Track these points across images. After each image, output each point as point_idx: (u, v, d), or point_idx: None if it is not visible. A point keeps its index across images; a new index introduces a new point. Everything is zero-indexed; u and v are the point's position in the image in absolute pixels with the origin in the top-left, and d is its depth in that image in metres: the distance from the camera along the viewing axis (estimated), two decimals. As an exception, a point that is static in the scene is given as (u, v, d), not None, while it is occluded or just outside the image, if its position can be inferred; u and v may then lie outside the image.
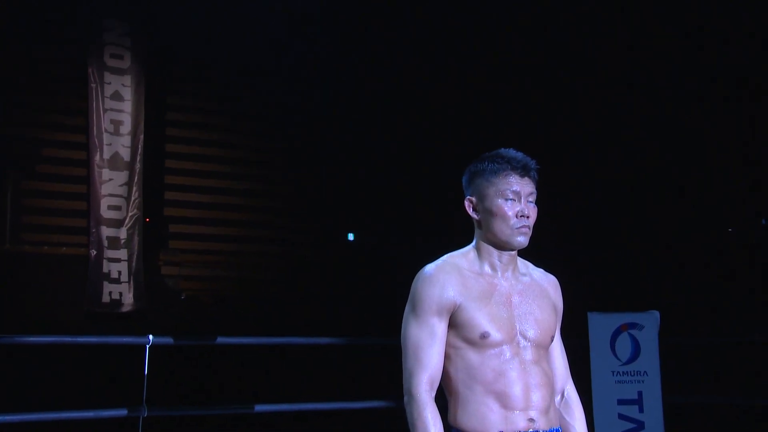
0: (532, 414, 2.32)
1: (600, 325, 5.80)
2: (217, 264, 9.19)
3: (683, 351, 6.87)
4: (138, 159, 8.40)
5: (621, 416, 5.72)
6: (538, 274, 2.55)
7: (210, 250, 9.23)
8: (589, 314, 5.82)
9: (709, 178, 8.70)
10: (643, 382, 5.74)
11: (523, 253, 2.55)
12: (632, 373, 5.76)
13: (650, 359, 5.75)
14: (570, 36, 8.96)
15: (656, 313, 5.80)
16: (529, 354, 2.36)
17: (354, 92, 9.58)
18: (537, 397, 2.33)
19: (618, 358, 5.78)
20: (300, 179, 9.63)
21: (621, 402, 5.73)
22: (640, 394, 5.74)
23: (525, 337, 2.37)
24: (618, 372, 5.77)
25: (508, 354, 2.34)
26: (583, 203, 8.96)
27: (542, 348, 2.41)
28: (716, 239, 8.83)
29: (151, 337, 4.56)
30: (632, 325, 5.80)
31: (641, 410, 5.72)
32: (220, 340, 4.88)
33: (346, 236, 10.03)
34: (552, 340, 2.47)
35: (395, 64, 9.45)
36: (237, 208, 9.39)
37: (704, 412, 6.55)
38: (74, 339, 4.91)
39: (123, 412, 4.55)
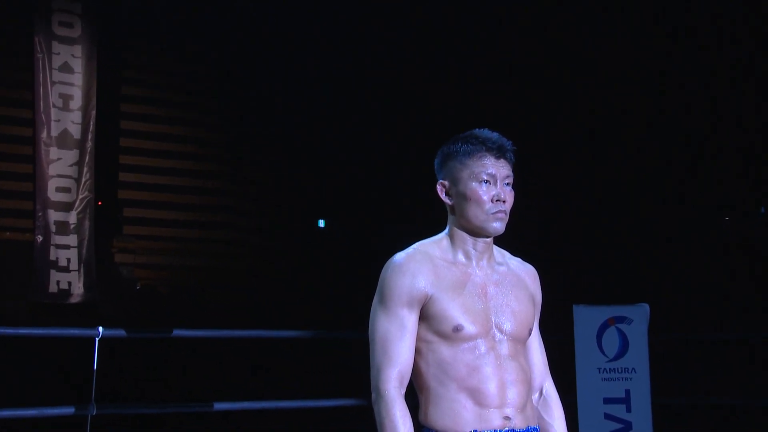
0: (508, 412, 2.34)
1: (586, 318, 5.84)
2: (176, 251, 9.17)
3: (674, 347, 6.95)
4: (89, 137, 8.33)
5: (607, 416, 5.77)
6: (516, 263, 2.57)
7: (168, 237, 9.20)
8: (574, 307, 5.86)
9: (704, 166, 8.80)
10: (631, 379, 5.79)
11: (503, 242, 2.57)
12: (620, 370, 5.81)
13: (639, 355, 5.80)
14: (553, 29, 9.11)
15: (646, 306, 5.85)
16: (505, 348, 2.38)
17: (323, 72, 9.58)
18: (513, 394, 2.35)
19: (605, 354, 5.83)
20: (267, 161, 9.61)
21: (607, 401, 5.78)
22: (627, 392, 5.78)
23: (501, 331, 2.39)
24: (604, 369, 5.81)
25: (482, 348, 2.35)
26: (569, 190, 9.04)
27: (519, 342, 2.43)
28: (711, 229, 8.93)
29: (101, 329, 4.53)
30: (620, 319, 5.84)
31: (629, 410, 5.77)
32: (177, 332, 4.86)
33: (317, 223, 10.03)
34: (530, 334, 2.49)
35: (371, 46, 9.48)
36: (198, 191, 9.36)
37: (695, 412, 6.63)
38: (16, 331, 4.86)
39: (69, 410, 4.52)
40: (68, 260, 8.09)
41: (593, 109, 9.07)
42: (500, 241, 2.53)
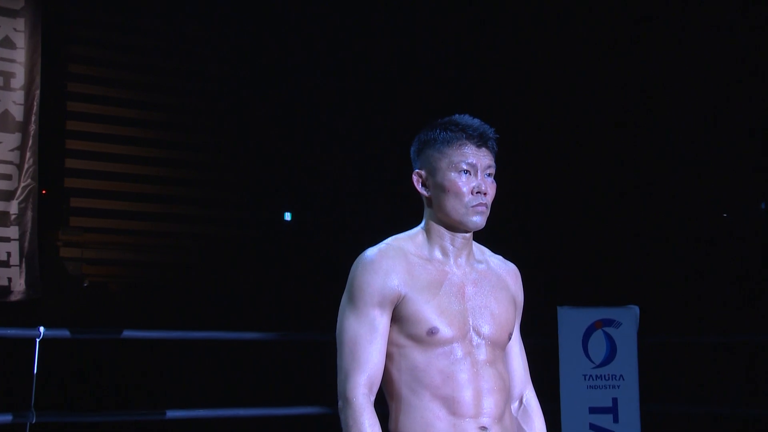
0: (485, 422, 2.34)
1: (571, 321, 5.87)
2: (128, 246, 9.10)
3: (666, 352, 7.00)
4: (33, 119, 8.23)
5: (593, 426, 5.81)
6: (496, 261, 2.57)
7: (119, 229, 9.13)
8: (558, 309, 5.89)
9: (700, 156, 8.87)
10: (618, 387, 5.83)
11: (482, 240, 2.57)
12: (607, 377, 5.85)
13: (627, 361, 5.84)
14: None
15: (635, 309, 5.89)
16: (483, 353, 2.39)
17: (291, 54, 9.57)
18: (489, 403, 2.36)
19: (591, 360, 5.86)
20: (229, 147, 9.57)
21: (593, 410, 5.82)
22: (615, 401, 5.82)
23: (479, 334, 2.40)
24: (590, 376, 5.85)
25: (458, 353, 2.36)
26: (553, 183, 9.10)
27: (498, 347, 2.44)
28: (708, 225, 9.00)
29: (42, 329, 4.50)
30: (608, 322, 5.88)
31: (616, 420, 5.81)
32: (127, 333, 4.84)
33: (283, 215, 10.02)
34: (510, 338, 2.49)
35: (340, 31, 9.51)
36: (153, 179, 9.30)
37: (687, 421, 6.68)
38: (-52, 331, 4.81)
39: (7, 417, 4.48)
40: (8, 254, 7.99)
41: (581, 102, 9.16)
42: (480, 236, 2.53)
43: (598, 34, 9.14)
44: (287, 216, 9.93)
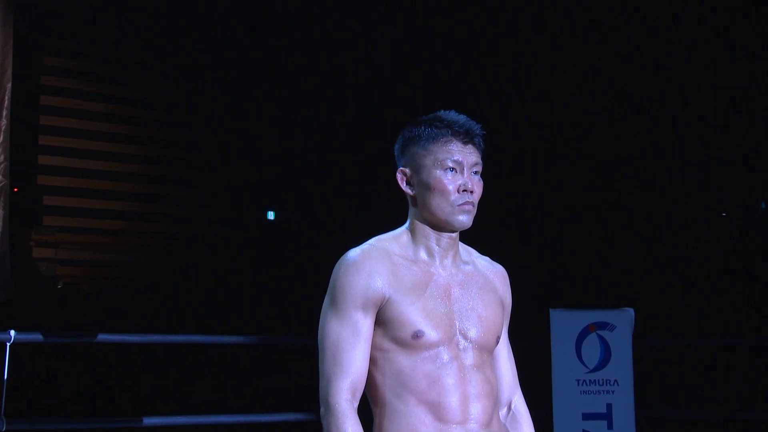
0: (472, 428, 2.36)
1: (564, 324, 5.89)
2: (103, 246, 9.08)
3: (662, 356, 7.02)
4: (4, 114, 8.20)
5: (586, 433, 5.83)
6: (484, 262, 2.58)
7: (94, 229, 9.11)
8: (550, 311, 5.90)
9: (698, 153, 8.91)
10: (613, 392, 5.84)
11: (471, 240, 2.58)
12: (601, 382, 5.86)
13: (622, 366, 5.85)
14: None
15: (630, 311, 5.90)
16: (470, 357, 2.40)
17: (274, 50, 9.58)
18: (477, 408, 2.37)
19: (584, 364, 5.87)
20: (209, 143, 9.56)
21: (587, 416, 5.83)
22: (609, 407, 5.84)
23: (466, 337, 2.41)
24: (584, 381, 5.86)
25: (445, 357, 2.37)
26: (546, 181, 9.13)
27: (486, 351, 2.45)
28: (706, 225, 9.04)
29: (13, 333, 4.50)
30: (602, 325, 5.89)
31: (610, 426, 5.82)
32: (102, 337, 4.83)
33: (266, 214, 10.01)
34: (497, 342, 2.51)
35: (323, 27, 9.53)
36: (129, 177, 9.28)
37: (684, 428, 6.71)
38: None
39: (-23, 425, 4.48)
40: (-22, 254, 7.98)
41: (575, 99, 9.21)
42: (469, 237, 2.55)
43: (599, 34, 9.20)
44: (270, 215, 9.93)
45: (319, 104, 9.70)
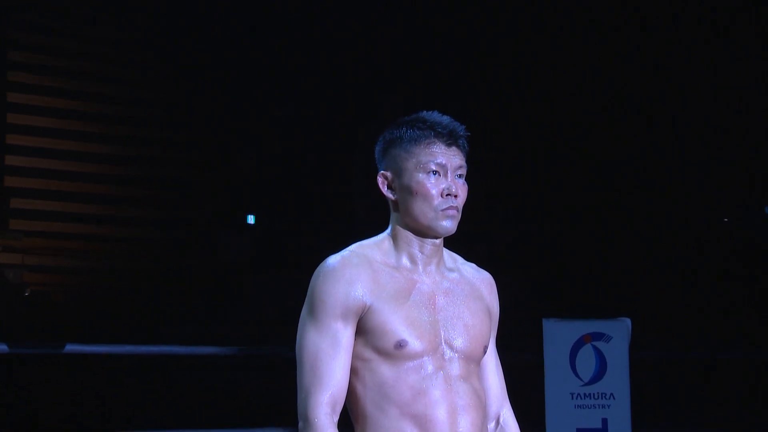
0: (459, 442, 2.37)
1: (557, 334, 5.90)
2: (73, 251, 9.07)
3: (660, 368, 7.04)
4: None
5: (580, 449, 5.84)
6: (469, 269, 2.59)
7: (64, 233, 9.10)
8: (543, 321, 5.91)
9: (699, 157, 8.96)
10: (609, 407, 5.85)
11: (457, 246, 2.59)
12: (596, 396, 5.88)
13: (619, 378, 5.87)
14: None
15: (627, 321, 5.92)
16: (456, 368, 2.41)
17: (253, 48, 9.59)
18: (465, 422, 2.38)
19: (579, 377, 5.89)
20: (185, 143, 9.55)
21: None
22: (605, 422, 5.85)
23: (451, 347, 2.41)
24: (578, 394, 5.87)
25: (430, 368, 2.38)
26: (539, 188, 9.17)
27: (472, 361, 2.45)
28: (706, 232, 9.07)
29: (-24, 343, 4.48)
30: (597, 336, 5.90)
31: (606, 442, 5.84)
32: (71, 348, 4.82)
33: (245, 218, 10.01)
34: (485, 352, 2.51)
35: (301, 26, 9.56)
36: (101, 178, 9.28)
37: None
38: None
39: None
40: (-59, 260, 7.98)
41: (569, 104, 9.28)
42: (454, 244, 2.56)
43: (599, 34, 9.28)
44: (250, 219, 9.92)
45: (300, 107, 9.73)
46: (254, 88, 9.63)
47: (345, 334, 2.37)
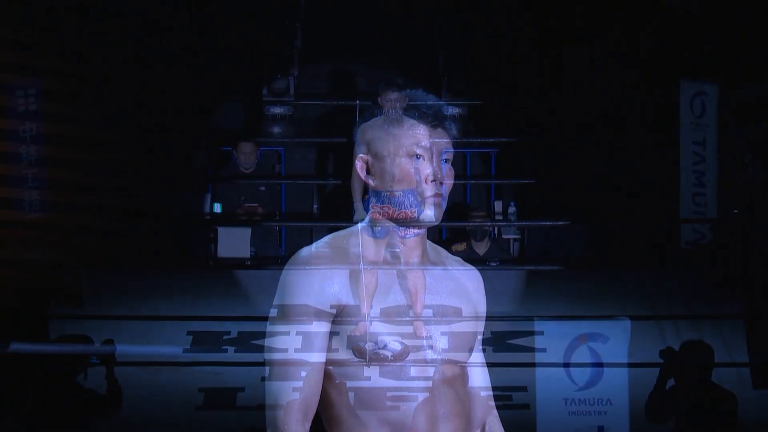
0: (441, 452, 2.37)
1: (550, 335, 5.92)
2: (15, 242, 9.01)
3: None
4: None
5: (575, 459, 5.87)
6: (455, 265, 2.59)
7: (13, 221, 9.05)
8: (535, 320, 5.94)
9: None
10: (605, 413, 5.89)
11: (439, 239, 2.59)
12: (592, 402, 5.91)
13: (616, 383, 5.90)
14: None
15: (626, 321, 5.95)
16: (438, 371, 2.41)
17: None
18: (447, 429, 2.39)
19: (573, 382, 5.92)
20: (151, 123, 9.51)
21: (575, 441, 5.89)
22: (601, 430, 5.89)
23: (434, 349, 2.41)
24: (573, 400, 5.91)
25: (410, 371, 2.38)
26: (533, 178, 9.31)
27: (456, 364, 2.46)
28: (711, 226, 9.12)
29: None
30: (593, 337, 5.93)
31: (602, 452, 5.88)
32: (16, 347, 4.81)
33: (212, 207, 10.00)
34: (470, 354, 2.51)
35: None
36: (57, 161, 9.21)
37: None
38: None
39: None
40: None
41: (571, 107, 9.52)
42: (438, 237, 2.55)
43: (600, 32, 9.47)
44: (217, 208, 9.88)
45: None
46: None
47: (318, 334, 2.37)
